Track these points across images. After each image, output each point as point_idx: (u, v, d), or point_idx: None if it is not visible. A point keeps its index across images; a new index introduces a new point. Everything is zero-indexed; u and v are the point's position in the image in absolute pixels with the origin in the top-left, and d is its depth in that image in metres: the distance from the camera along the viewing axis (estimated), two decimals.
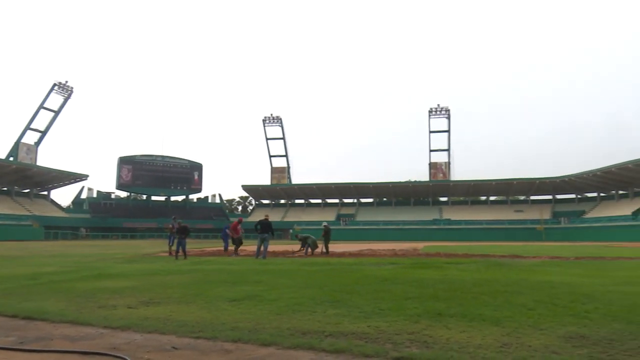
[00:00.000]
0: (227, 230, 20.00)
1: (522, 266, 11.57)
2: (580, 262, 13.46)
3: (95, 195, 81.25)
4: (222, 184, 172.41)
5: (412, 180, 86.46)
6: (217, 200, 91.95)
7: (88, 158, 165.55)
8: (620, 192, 70.85)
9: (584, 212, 72.59)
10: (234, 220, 20.47)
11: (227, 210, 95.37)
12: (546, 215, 73.19)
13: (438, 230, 71.42)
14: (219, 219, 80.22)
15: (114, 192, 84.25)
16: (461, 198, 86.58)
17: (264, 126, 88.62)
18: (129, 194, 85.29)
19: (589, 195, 77.86)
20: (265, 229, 16.03)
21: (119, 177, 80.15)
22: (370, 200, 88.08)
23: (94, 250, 23.45)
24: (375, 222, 75.82)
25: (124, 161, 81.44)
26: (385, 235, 67.95)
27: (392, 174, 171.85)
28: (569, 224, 69.18)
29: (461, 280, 8.06)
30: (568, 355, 3.33)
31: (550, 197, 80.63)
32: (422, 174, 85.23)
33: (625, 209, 62.72)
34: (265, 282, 7.99)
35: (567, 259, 14.92)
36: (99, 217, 75.34)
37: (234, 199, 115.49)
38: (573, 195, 79.54)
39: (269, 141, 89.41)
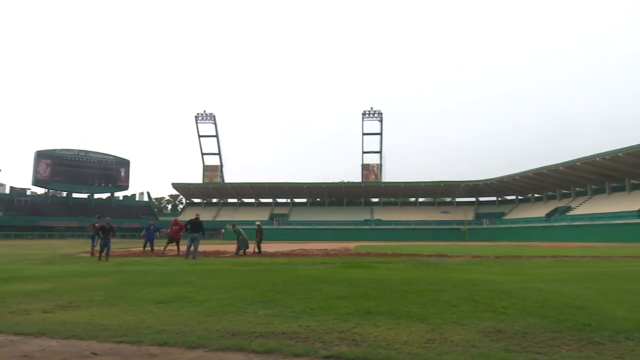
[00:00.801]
0: (166, 230, 19.15)
1: (447, 265, 12.09)
2: (499, 260, 14.27)
3: (7, 191, 75.18)
4: (151, 181, 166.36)
5: (345, 181, 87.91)
6: (145, 199, 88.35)
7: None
8: (536, 195, 76.17)
9: (503, 214, 77.26)
10: (173, 218, 19.66)
11: (155, 209, 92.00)
12: (470, 216, 77.21)
13: (369, 230, 73.09)
14: (147, 217, 77.16)
15: (29, 189, 78.44)
16: (392, 199, 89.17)
17: (197, 123, 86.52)
18: (46, 190, 79.78)
19: (509, 198, 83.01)
20: (196, 229, 15.63)
21: (35, 172, 74.55)
22: (304, 200, 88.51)
23: (6, 251, 21.75)
24: (308, 222, 76.27)
25: (41, 155, 75.89)
26: (318, 235, 68.54)
27: (327, 174, 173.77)
28: (490, 225, 73.31)
29: (390, 279, 8.28)
30: (486, 348, 3.51)
31: (474, 199, 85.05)
32: (355, 175, 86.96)
33: (540, 211, 67.50)
34: (195, 283, 7.78)
35: (488, 258, 15.78)
36: (11, 215, 69.81)
37: (164, 198, 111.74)
38: (494, 198, 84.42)
39: (201, 138, 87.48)
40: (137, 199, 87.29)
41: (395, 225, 74.67)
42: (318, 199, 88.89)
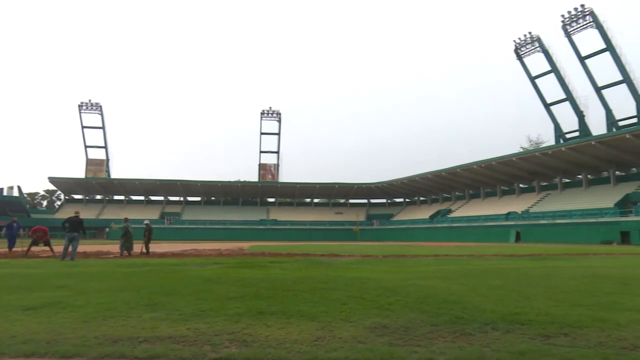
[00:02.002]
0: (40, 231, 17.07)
1: (339, 264, 12.44)
2: (387, 259, 15.01)
3: None
4: (23, 175, 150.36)
5: (242, 180, 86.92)
6: (15, 194, 79.40)
7: None
8: (422, 198, 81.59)
9: (392, 215, 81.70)
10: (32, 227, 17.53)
11: (28, 205, 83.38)
12: (362, 217, 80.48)
13: (265, 230, 73.02)
14: (17, 215, 69.42)
15: None
16: (288, 199, 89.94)
17: (80, 113, 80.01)
18: None
19: (398, 200, 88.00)
20: (75, 227, 14.34)
21: None
22: (198, 199, 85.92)
23: None
24: (202, 222, 74.16)
25: None
26: (212, 235, 66.97)
27: (224, 174, 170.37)
28: (380, 226, 77.07)
29: (283, 279, 8.32)
30: (371, 343, 3.67)
31: (365, 201, 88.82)
32: (253, 175, 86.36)
33: (424, 213, 72.41)
34: (72, 287, 7.15)
35: (377, 257, 16.54)
36: None
37: (38, 193, 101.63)
38: (385, 200, 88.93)
39: (85, 130, 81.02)
40: (5, 193, 78.09)
41: (291, 225, 75.43)
42: (213, 198, 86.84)
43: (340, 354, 3.36)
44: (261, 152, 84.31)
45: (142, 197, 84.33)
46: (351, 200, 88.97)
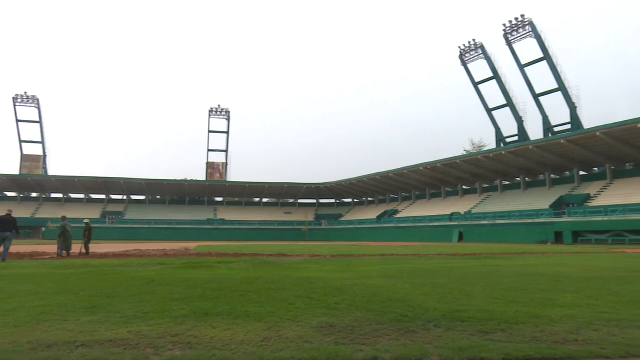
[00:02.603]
0: None
1: (287, 264, 12.43)
2: (335, 259, 15.15)
3: None
4: None
5: (189, 179, 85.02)
6: None
7: None
8: (369, 199, 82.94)
9: (341, 215, 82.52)
10: None
11: None
12: (310, 217, 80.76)
13: (212, 230, 71.81)
14: None
15: None
16: (236, 199, 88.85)
17: (15, 106, 75.49)
18: None
19: (346, 200, 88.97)
20: (7, 227, 13.55)
21: None
22: (142, 197, 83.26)
23: None
24: (146, 221, 71.86)
25: None
26: (157, 234, 65.15)
27: (170, 172, 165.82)
28: (329, 226, 77.65)
29: (230, 279, 8.21)
30: (318, 342, 3.69)
31: (314, 201, 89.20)
32: (200, 174, 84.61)
33: (372, 214, 73.63)
34: (2, 290, 6.74)
35: (325, 257, 16.65)
36: None
37: None
38: (333, 200, 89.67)
39: (20, 124, 76.51)
40: None
41: (239, 225, 74.59)
42: (158, 197, 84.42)
43: (287, 354, 3.36)
44: (209, 150, 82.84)
45: (82, 196, 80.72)
46: (300, 201, 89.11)
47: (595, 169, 51.22)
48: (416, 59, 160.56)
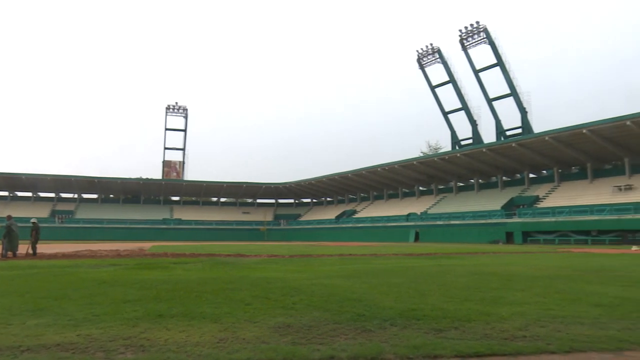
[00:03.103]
0: None
1: (244, 264, 12.32)
2: (293, 259, 15.14)
3: None
4: None
5: (144, 177, 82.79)
6: None
7: None
8: (328, 199, 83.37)
9: (300, 215, 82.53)
10: None
11: None
12: (269, 217, 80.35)
13: (168, 230, 70.30)
14: None
15: None
16: (193, 198, 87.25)
17: None
18: None
19: (305, 200, 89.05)
20: None
21: None
22: (95, 196, 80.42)
23: None
24: (99, 221, 69.50)
25: None
26: (110, 234, 63.11)
27: (124, 170, 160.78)
28: (288, 226, 77.51)
29: (186, 280, 8.06)
30: (275, 343, 3.67)
31: (273, 201, 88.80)
32: (156, 173, 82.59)
33: (331, 214, 74.04)
34: None
35: (283, 257, 16.61)
36: None
37: None
38: (292, 200, 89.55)
39: None
40: None
41: (196, 225, 73.35)
42: (111, 196, 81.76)
43: (243, 355, 3.33)
44: (166, 148, 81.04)
45: (29, 194, 77.12)
46: (259, 200, 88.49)
47: (544, 171, 53.51)
48: (378, 61, 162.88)
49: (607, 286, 7.25)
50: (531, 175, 53.21)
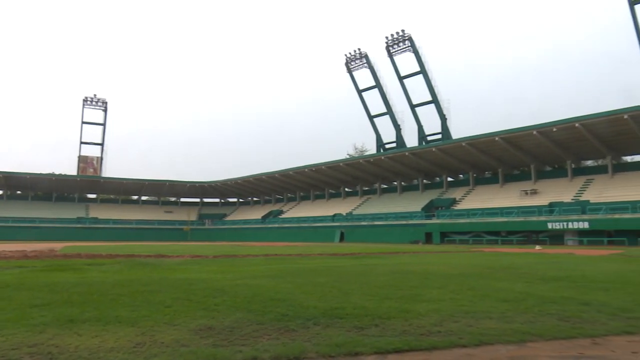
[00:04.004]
0: None
1: (165, 265, 11.91)
2: (217, 260, 14.86)
3: None
4: None
5: (56, 173, 77.37)
6: None
7: None
8: (255, 199, 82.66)
9: (225, 215, 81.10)
10: None
11: None
12: (193, 216, 78.17)
13: (83, 229, 66.32)
14: None
15: None
16: (112, 196, 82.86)
17: None
18: None
19: (231, 200, 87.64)
20: None
21: None
22: (0, 192, 73.99)
23: None
24: (4, 219, 63.93)
25: None
26: (17, 234, 58.33)
27: (34, 164, 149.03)
28: (212, 226, 75.89)
29: (101, 282, 7.65)
30: (195, 346, 3.58)
31: (198, 200, 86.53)
32: (71, 168, 77.46)
33: (257, 214, 73.48)
34: None
35: (207, 257, 16.25)
36: None
37: None
38: (218, 200, 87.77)
39: None
40: None
41: (114, 224, 69.77)
42: (19, 192, 75.53)
43: (161, 359, 3.22)
44: (82, 143, 76.22)
45: None
46: (183, 199, 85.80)
47: (461, 175, 56.66)
48: (310, 63, 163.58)
49: (513, 283, 7.81)
50: (449, 179, 56.11)
